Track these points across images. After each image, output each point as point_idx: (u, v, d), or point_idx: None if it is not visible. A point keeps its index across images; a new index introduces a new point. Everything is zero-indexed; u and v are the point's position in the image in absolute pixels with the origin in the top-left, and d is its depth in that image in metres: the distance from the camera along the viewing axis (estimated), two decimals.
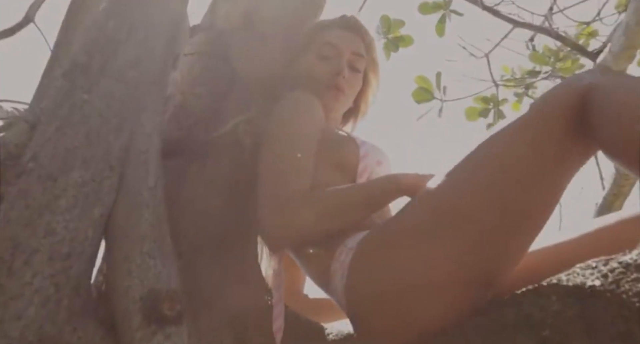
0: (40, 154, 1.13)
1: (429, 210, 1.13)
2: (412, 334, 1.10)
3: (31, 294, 1.03)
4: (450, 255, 1.08)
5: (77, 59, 1.23)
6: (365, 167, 1.41)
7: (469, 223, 1.08)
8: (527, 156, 1.08)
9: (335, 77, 1.57)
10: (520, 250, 1.11)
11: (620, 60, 2.48)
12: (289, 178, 1.28)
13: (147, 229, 1.13)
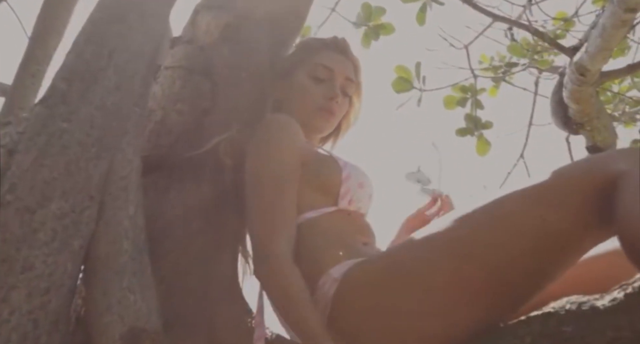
0: (18, 185, 1.11)
1: (424, 258, 1.14)
2: None
3: (8, 332, 1.03)
4: (438, 309, 1.09)
5: (56, 86, 1.20)
6: (347, 189, 1.41)
7: (461, 281, 1.09)
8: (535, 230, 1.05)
9: (329, 102, 1.59)
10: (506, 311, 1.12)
11: (595, 60, 2.50)
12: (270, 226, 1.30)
13: (127, 261, 1.12)
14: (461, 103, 3.88)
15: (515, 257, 1.07)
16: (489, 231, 1.09)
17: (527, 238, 1.07)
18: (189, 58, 1.61)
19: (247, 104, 1.59)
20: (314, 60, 1.63)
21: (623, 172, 1.00)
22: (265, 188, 1.35)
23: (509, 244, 1.08)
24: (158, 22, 1.35)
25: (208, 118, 1.53)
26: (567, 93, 2.72)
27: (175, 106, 1.54)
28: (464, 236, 1.11)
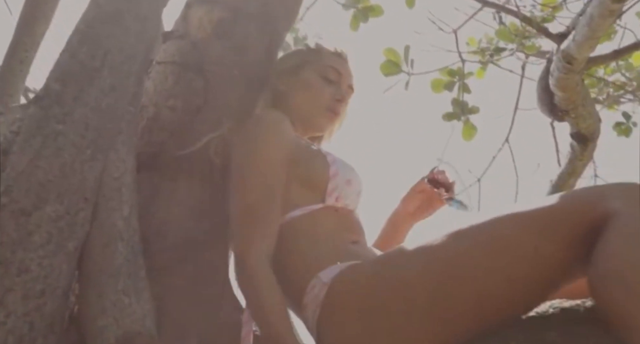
0: (13, 188, 1.12)
1: (413, 271, 1.16)
2: None
3: (4, 335, 1.04)
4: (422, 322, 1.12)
5: (50, 86, 1.20)
6: (334, 186, 1.42)
7: (446, 298, 1.12)
8: (527, 259, 1.08)
9: (336, 103, 1.63)
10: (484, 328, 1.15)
11: (582, 49, 2.53)
12: (262, 218, 1.31)
13: (122, 263, 1.14)
14: (448, 87, 3.89)
15: (503, 282, 1.10)
16: (481, 254, 1.11)
17: (518, 266, 1.09)
18: (181, 54, 1.61)
19: (238, 102, 1.59)
20: (324, 62, 1.67)
21: (616, 211, 1.02)
22: (249, 189, 1.35)
23: (499, 269, 1.10)
24: (152, 22, 1.35)
25: (200, 116, 1.53)
26: (554, 81, 2.74)
27: (168, 103, 1.54)
28: (455, 255, 1.14)
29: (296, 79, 1.65)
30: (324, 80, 1.64)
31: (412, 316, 1.14)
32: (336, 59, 1.69)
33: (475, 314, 1.13)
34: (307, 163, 1.44)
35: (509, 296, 1.11)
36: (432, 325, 1.14)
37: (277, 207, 1.36)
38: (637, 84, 3.94)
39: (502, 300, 1.12)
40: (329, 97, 1.63)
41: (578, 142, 3.15)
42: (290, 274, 1.31)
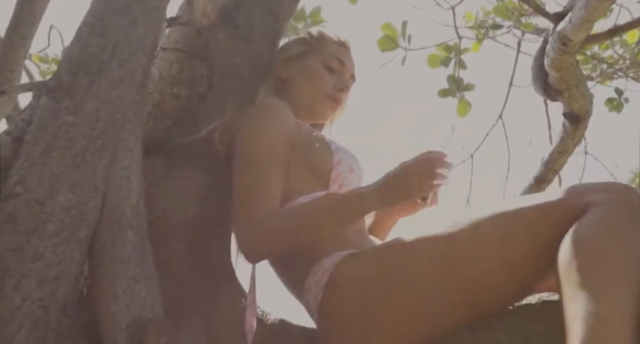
0: (27, 177, 1.16)
1: (411, 260, 1.24)
2: None
3: (21, 318, 1.10)
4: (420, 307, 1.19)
5: (62, 78, 1.24)
6: (337, 174, 1.48)
7: (442, 285, 1.19)
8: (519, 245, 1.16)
9: (339, 92, 1.67)
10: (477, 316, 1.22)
11: (578, 31, 2.56)
12: (256, 197, 1.35)
13: (132, 252, 1.19)
14: (445, 62, 3.92)
15: (498, 271, 1.18)
16: (474, 245, 1.19)
17: (513, 256, 1.17)
18: (186, 41, 1.64)
19: (241, 90, 1.63)
20: (328, 51, 1.70)
21: (595, 202, 1.10)
22: (249, 172, 1.40)
23: (495, 258, 1.18)
24: (159, 13, 1.37)
25: (204, 103, 1.58)
26: (549, 61, 2.77)
27: (172, 90, 1.58)
28: (454, 245, 1.21)
29: (299, 67, 1.68)
30: (326, 69, 1.68)
31: (411, 301, 1.21)
32: (339, 48, 1.72)
33: (472, 300, 1.20)
34: (312, 151, 1.49)
35: (503, 284, 1.19)
36: (429, 309, 1.21)
37: (277, 190, 1.40)
38: (630, 61, 3.97)
39: (496, 288, 1.19)
40: (331, 86, 1.66)
41: (570, 122, 3.20)
42: (294, 259, 1.37)
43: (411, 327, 1.21)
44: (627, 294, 0.99)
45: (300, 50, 1.72)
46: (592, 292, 1.00)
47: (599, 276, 1.02)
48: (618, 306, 0.98)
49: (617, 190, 1.13)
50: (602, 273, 1.02)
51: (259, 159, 1.41)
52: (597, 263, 1.03)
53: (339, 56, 1.70)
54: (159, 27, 1.40)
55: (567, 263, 1.06)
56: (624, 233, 1.06)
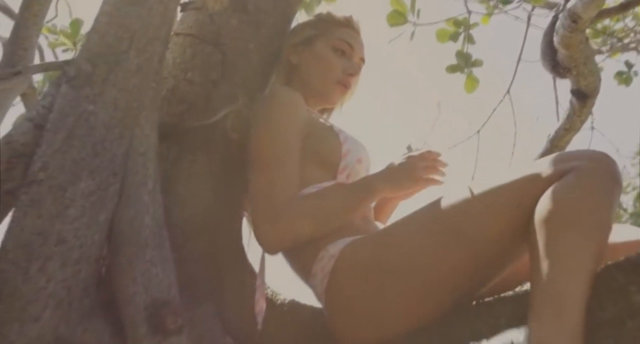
0: (49, 164, 1.21)
1: (412, 242, 1.29)
2: (378, 339, 1.29)
3: (46, 298, 1.16)
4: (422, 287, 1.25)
5: (81, 67, 1.28)
6: (346, 165, 1.52)
7: (443, 264, 1.25)
8: (511, 215, 1.22)
9: (348, 77, 1.69)
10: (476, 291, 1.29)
11: (589, 8, 2.57)
12: (275, 191, 1.40)
13: (149, 236, 1.25)
14: (454, 37, 3.90)
15: (492, 241, 1.23)
16: (469, 221, 1.25)
17: (506, 222, 1.22)
18: (199, 26, 1.67)
19: (253, 77, 1.66)
20: (336, 35, 1.71)
21: (575, 167, 1.17)
22: (267, 163, 1.44)
23: (488, 229, 1.23)
24: (174, 2, 1.40)
25: (217, 89, 1.61)
26: (558, 38, 2.78)
27: (186, 75, 1.61)
28: (453, 222, 1.27)
29: (308, 52, 1.70)
30: (335, 53, 1.69)
31: (414, 282, 1.27)
32: (348, 31, 1.73)
33: (471, 271, 1.26)
34: (321, 142, 1.53)
35: (499, 256, 1.25)
36: (432, 289, 1.27)
37: (295, 179, 1.45)
38: None
39: (492, 260, 1.25)
40: (340, 71, 1.68)
41: (577, 99, 3.20)
42: (301, 247, 1.42)
43: (415, 307, 1.27)
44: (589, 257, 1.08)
45: (309, 35, 1.73)
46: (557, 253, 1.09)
47: (566, 238, 1.10)
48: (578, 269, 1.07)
49: (597, 158, 1.18)
50: (569, 235, 1.10)
51: (276, 154, 1.45)
52: (566, 225, 1.11)
53: (347, 40, 1.71)
54: (174, 15, 1.43)
55: (540, 223, 1.14)
56: (597, 198, 1.13)
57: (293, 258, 1.48)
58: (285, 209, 1.38)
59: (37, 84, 3.06)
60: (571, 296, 1.06)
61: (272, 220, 1.38)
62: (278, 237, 1.38)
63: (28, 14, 2.47)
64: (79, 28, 3.20)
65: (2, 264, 1.18)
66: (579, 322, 1.04)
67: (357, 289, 1.31)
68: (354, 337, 1.33)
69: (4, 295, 1.16)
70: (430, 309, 1.27)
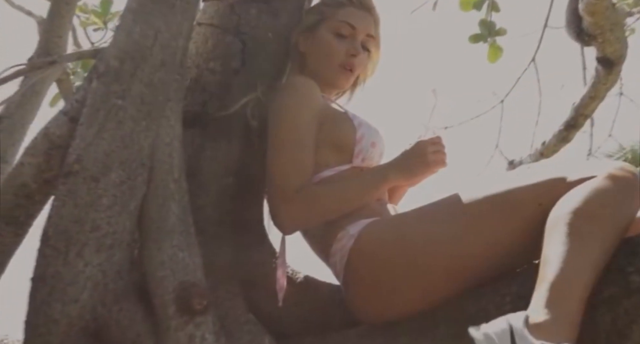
0: (83, 157, 1.31)
1: (429, 226, 1.38)
2: (393, 315, 1.38)
3: (84, 281, 1.27)
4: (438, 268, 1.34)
5: (110, 64, 1.36)
6: (360, 149, 1.58)
7: (458, 249, 1.34)
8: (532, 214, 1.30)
9: (351, 58, 1.70)
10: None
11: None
12: (292, 173, 1.49)
13: (175, 222, 1.35)
14: (477, 6, 3.87)
15: (512, 232, 1.31)
16: (494, 209, 1.33)
17: (524, 220, 1.30)
18: (220, 16, 1.73)
19: (272, 65, 1.73)
20: (337, 17, 1.72)
21: (595, 176, 1.24)
22: (283, 148, 1.53)
23: (508, 223, 1.31)
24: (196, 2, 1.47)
25: (238, 78, 1.68)
26: (583, 5, 2.77)
27: (208, 65, 1.69)
28: (471, 209, 1.35)
29: (312, 39, 1.73)
30: (337, 37, 1.70)
31: (429, 262, 1.35)
32: (351, 10, 1.73)
33: (487, 258, 1.34)
34: (335, 127, 1.59)
35: (517, 247, 1.33)
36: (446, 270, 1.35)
37: (311, 160, 1.54)
38: None
39: (510, 249, 1.33)
40: (343, 54, 1.69)
41: (603, 67, 3.19)
42: (321, 227, 1.50)
43: (429, 289, 1.35)
44: (596, 257, 1.16)
45: (314, 21, 1.75)
46: (567, 249, 1.16)
47: (577, 236, 1.17)
48: (583, 267, 1.15)
49: (621, 169, 1.25)
50: (581, 235, 1.17)
51: (292, 139, 1.53)
52: (579, 227, 1.18)
53: (348, 20, 1.70)
54: (195, 10, 1.50)
55: (554, 220, 1.22)
56: (613, 208, 1.20)
57: (313, 237, 1.57)
58: (300, 191, 1.47)
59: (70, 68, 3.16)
60: (573, 287, 1.13)
61: (287, 201, 1.47)
62: (292, 218, 1.49)
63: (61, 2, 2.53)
64: (109, 7, 3.28)
65: (45, 249, 1.30)
66: (576, 311, 1.12)
67: (374, 268, 1.40)
68: (370, 313, 1.42)
69: (47, 277, 1.28)
70: (443, 291, 1.35)
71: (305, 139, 1.54)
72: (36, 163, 1.41)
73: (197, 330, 1.22)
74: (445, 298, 1.34)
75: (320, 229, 1.52)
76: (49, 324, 1.26)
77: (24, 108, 2.48)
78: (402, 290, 1.37)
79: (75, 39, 3.49)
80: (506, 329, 1.10)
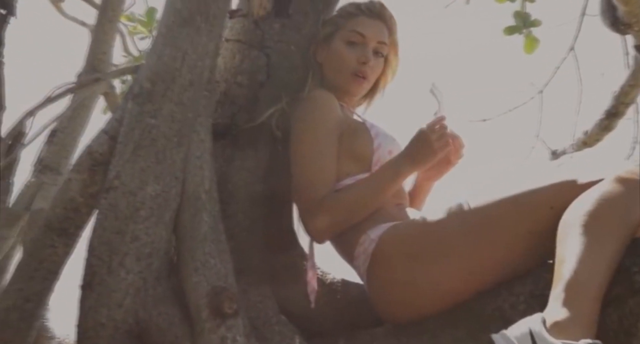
0: (122, 173, 1.43)
1: (448, 231, 1.44)
2: (414, 315, 1.45)
3: (126, 287, 1.39)
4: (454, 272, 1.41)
5: (143, 85, 1.47)
6: (378, 158, 1.67)
7: (474, 252, 1.40)
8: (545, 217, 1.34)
9: (362, 66, 1.77)
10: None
11: None
12: (317, 183, 1.58)
13: (207, 231, 1.45)
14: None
15: (524, 237, 1.37)
16: (506, 218, 1.38)
17: (536, 222, 1.36)
18: (246, 32, 1.83)
19: (295, 77, 1.82)
20: (348, 27, 1.80)
21: (607, 177, 1.28)
22: (307, 161, 1.61)
23: (521, 227, 1.37)
24: (219, 20, 1.56)
25: (263, 90, 1.78)
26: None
27: (236, 79, 1.79)
28: (486, 218, 1.40)
29: (327, 50, 1.81)
30: (348, 46, 1.78)
31: (446, 265, 1.42)
32: (363, 19, 1.79)
33: (503, 260, 1.40)
34: (354, 138, 1.68)
35: (531, 249, 1.38)
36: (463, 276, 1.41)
37: (334, 168, 1.63)
38: None
39: (524, 250, 1.38)
40: (354, 62, 1.77)
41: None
42: (345, 231, 1.58)
43: (447, 290, 1.42)
44: (609, 256, 1.20)
45: (328, 32, 1.83)
46: (580, 250, 1.20)
47: (592, 233, 1.22)
48: (596, 268, 1.19)
49: (629, 171, 1.28)
50: (594, 235, 1.21)
51: (315, 150, 1.62)
52: (593, 222, 1.23)
53: (358, 29, 1.77)
54: (220, 30, 1.59)
55: (567, 221, 1.26)
56: (623, 204, 1.24)
57: (338, 242, 1.65)
58: (324, 203, 1.55)
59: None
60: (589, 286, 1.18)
61: (315, 215, 1.56)
62: (322, 229, 1.57)
63: (104, 20, 2.66)
64: (154, 16, 3.41)
65: (91, 259, 1.42)
66: (593, 309, 1.16)
67: (394, 270, 1.47)
68: (392, 313, 1.50)
69: (94, 285, 1.40)
70: (461, 292, 1.41)
71: (327, 149, 1.62)
72: (82, 179, 1.53)
73: (228, 332, 1.32)
74: (463, 298, 1.41)
75: (343, 234, 1.60)
76: (97, 328, 1.38)
77: (75, 122, 2.63)
78: (422, 291, 1.44)
79: (125, 46, 3.63)
80: (526, 333, 1.15)
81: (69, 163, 2.55)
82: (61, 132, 2.57)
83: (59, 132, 2.57)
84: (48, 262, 1.51)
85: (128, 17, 3.61)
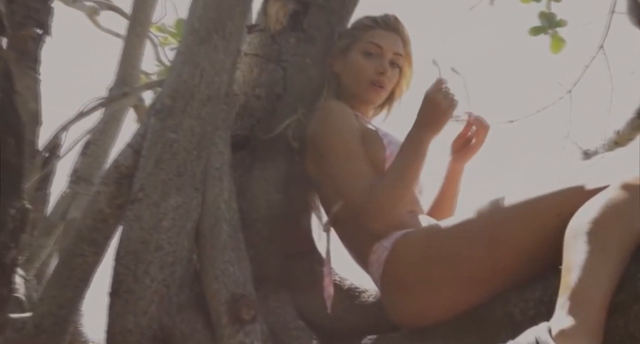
0: (145, 185, 1.51)
1: (459, 239, 1.47)
2: (426, 321, 1.49)
3: (151, 295, 1.46)
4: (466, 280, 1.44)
5: (164, 102, 1.55)
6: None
7: (486, 260, 1.42)
8: (552, 225, 1.35)
9: (380, 76, 1.83)
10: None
11: None
12: (360, 177, 1.62)
13: (227, 240, 1.52)
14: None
15: (532, 245, 1.38)
16: (514, 226, 1.41)
17: (545, 230, 1.37)
18: (263, 46, 1.90)
19: (311, 89, 1.88)
20: (365, 38, 1.85)
21: (614, 183, 1.29)
22: (345, 159, 1.65)
23: (529, 234, 1.39)
24: (235, 37, 1.63)
25: (280, 102, 1.85)
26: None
27: (255, 92, 1.86)
28: (494, 226, 1.43)
29: (344, 61, 1.86)
30: (365, 57, 1.83)
31: (459, 274, 1.45)
32: (379, 32, 1.85)
33: (513, 266, 1.42)
34: (369, 146, 1.72)
35: (539, 253, 1.40)
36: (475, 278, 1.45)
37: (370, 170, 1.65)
38: None
39: (534, 257, 1.40)
40: (372, 72, 1.82)
41: None
42: (359, 238, 1.63)
43: (458, 296, 1.45)
44: (614, 264, 1.21)
45: (345, 44, 1.88)
46: (586, 259, 1.21)
47: (598, 241, 1.23)
48: (603, 275, 1.20)
49: (636, 177, 1.28)
50: (600, 243, 1.22)
51: (346, 150, 1.66)
52: (599, 230, 1.24)
53: (375, 41, 1.83)
54: (237, 46, 1.65)
55: (574, 229, 1.27)
56: (629, 212, 1.25)
57: (352, 249, 1.70)
58: (375, 187, 1.58)
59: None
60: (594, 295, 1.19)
61: (371, 199, 1.57)
62: (381, 210, 1.58)
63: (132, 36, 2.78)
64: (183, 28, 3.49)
65: (118, 268, 1.50)
66: (598, 317, 1.17)
67: (407, 277, 1.51)
68: (406, 319, 1.54)
69: (121, 292, 1.48)
70: (472, 298, 1.44)
71: (357, 148, 1.68)
72: (109, 191, 1.61)
73: (246, 338, 1.38)
74: (474, 304, 1.44)
75: (357, 242, 1.65)
76: (125, 334, 1.46)
77: (106, 134, 2.75)
78: (434, 298, 1.48)
79: (157, 56, 3.74)
80: (532, 342, 1.16)
81: (101, 174, 2.66)
82: (94, 144, 2.68)
83: (92, 145, 2.68)
84: (79, 270, 1.60)
85: (159, 28, 3.71)
